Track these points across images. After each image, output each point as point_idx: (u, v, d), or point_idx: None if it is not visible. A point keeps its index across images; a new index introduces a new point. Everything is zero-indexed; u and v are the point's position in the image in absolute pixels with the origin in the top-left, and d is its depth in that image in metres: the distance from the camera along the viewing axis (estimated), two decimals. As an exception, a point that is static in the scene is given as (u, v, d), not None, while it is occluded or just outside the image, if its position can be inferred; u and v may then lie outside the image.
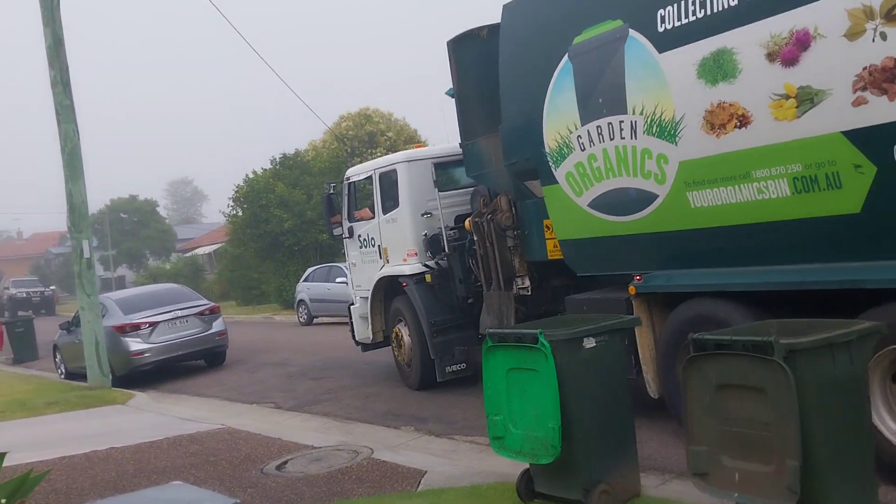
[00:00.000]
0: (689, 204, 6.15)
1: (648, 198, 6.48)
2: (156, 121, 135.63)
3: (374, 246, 10.90)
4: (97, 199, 72.28)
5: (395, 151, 17.40)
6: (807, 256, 5.56)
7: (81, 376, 14.29)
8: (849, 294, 5.18)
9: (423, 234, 10.09)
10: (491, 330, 5.36)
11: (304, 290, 23.11)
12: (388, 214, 10.46)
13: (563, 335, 4.94)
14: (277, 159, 31.94)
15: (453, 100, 9.25)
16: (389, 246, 10.56)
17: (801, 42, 5.19)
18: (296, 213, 29.01)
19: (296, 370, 13.58)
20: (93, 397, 12.28)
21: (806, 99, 5.22)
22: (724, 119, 5.74)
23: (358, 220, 11.32)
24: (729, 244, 6.05)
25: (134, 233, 64.70)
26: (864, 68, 4.90)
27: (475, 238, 9.01)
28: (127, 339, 14.02)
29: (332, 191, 12.03)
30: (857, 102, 4.95)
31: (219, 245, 48.50)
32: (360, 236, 11.25)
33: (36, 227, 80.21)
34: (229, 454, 7.80)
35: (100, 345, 13.26)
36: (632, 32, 6.34)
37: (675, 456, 6.11)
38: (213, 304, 15.28)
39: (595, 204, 7.05)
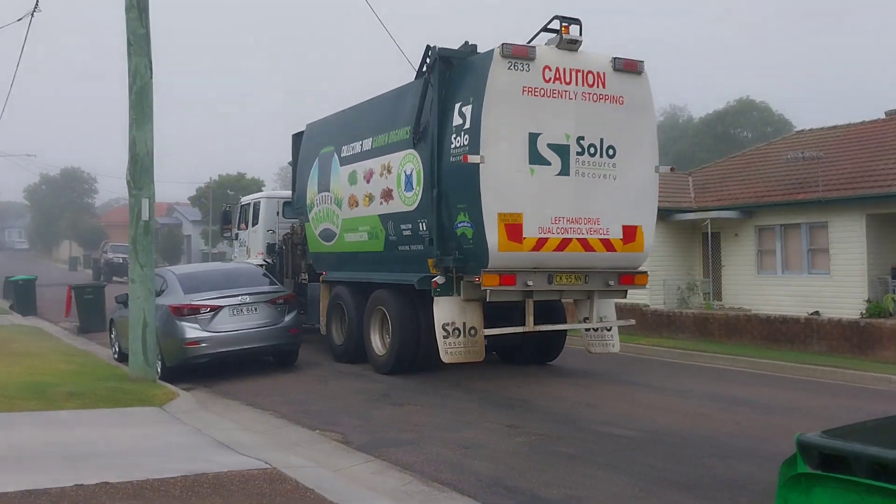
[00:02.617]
0: (345, 239, 13.16)
1: (333, 235, 13.47)
2: (278, 104, 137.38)
3: (245, 247, 18.34)
4: (204, 174, 72.65)
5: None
6: (371, 269, 12.63)
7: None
8: (378, 284, 12.40)
9: (267, 242, 17.16)
10: (806, 437, 2.40)
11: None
12: (253, 227, 17.78)
13: None
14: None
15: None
16: (251, 248, 17.67)
17: (372, 173, 12.26)
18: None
19: (376, 388, 10.88)
20: (127, 393, 9.92)
21: (371, 198, 12.27)
22: (352, 202, 12.80)
23: (240, 230, 18.73)
24: (351, 260, 13.14)
25: (237, 210, 64.07)
26: (383, 189, 11.97)
27: (284, 247, 16.62)
28: (183, 323, 11.66)
29: (227, 208, 20.84)
30: (380, 203, 12.03)
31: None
32: (240, 240, 18.76)
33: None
34: (259, 526, 5.11)
35: (148, 327, 10.94)
36: (335, 154, 13.37)
37: None
38: (288, 291, 12.77)
39: (320, 235, 13.96)
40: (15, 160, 58.66)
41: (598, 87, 10.61)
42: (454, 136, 10.50)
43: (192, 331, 11.63)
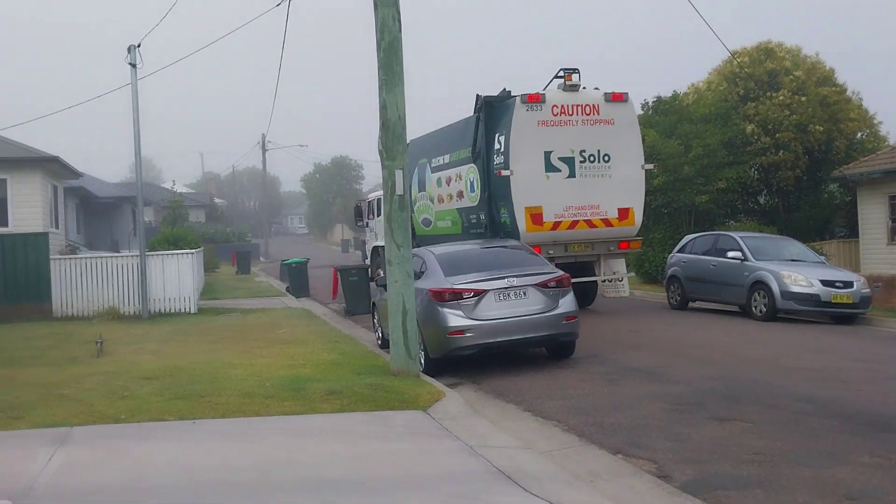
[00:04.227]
0: (437, 226, 18.14)
1: (430, 222, 18.48)
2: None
3: (373, 232, 23.72)
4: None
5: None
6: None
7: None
8: None
9: None
10: None
11: (678, 263, 17.88)
12: (377, 218, 22.46)
13: None
14: (650, 103, 26.78)
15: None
16: (377, 234, 22.04)
17: (451, 179, 17.10)
18: (668, 168, 23.68)
19: (682, 392, 8.63)
20: (388, 391, 8.61)
21: (451, 197, 17.20)
22: (440, 199, 17.77)
23: (370, 220, 24.55)
24: (442, 240, 15.40)
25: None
26: (457, 191, 16.81)
27: None
28: (445, 309, 10.20)
29: (359, 204, 26.38)
30: (457, 200, 16.93)
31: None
32: (370, 227, 24.70)
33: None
34: None
35: (408, 315, 9.62)
36: (428, 164, 18.22)
37: None
38: (561, 273, 10.86)
39: (422, 222, 18.82)
40: (291, 151, 63.07)
41: (593, 114, 14.83)
42: (496, 156, 15.16)
43: (455, 318, 10.14)
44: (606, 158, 14.87)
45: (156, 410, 7.79)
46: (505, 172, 14.64)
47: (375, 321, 13.71)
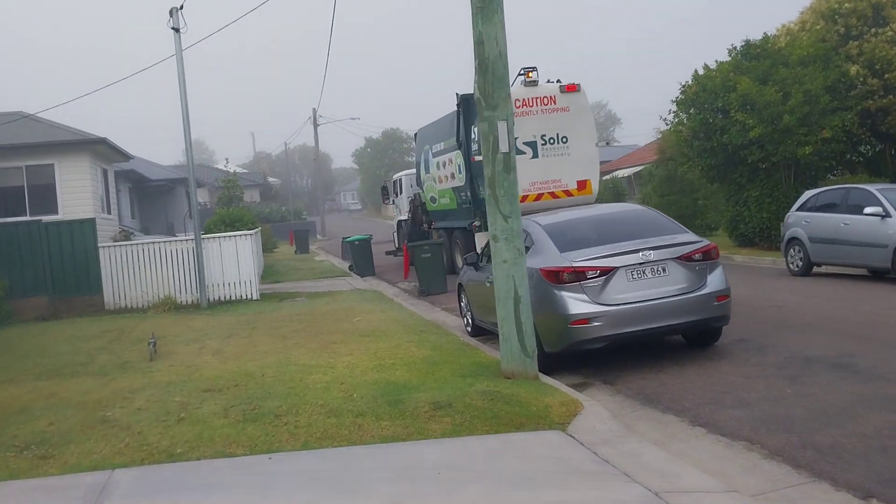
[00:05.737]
0: (440, 202, 20.96)
1: (435, 199, 21.39)
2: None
3: (398, 208, 27.82)
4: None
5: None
6: (452, 219, 20.25)
7: (493, 335, 9.20)
8: (455, 227, 20.02)
9: (409, 205, 25.38)
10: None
11: (800, 223, 15.56)
12: (401, 195, 27.12)
13: None
14: (738, 49, 24.15)
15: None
16: (401, 207, 27.02)
17: (446, 163, 19.79)
18: (765, 119, 21.18)
19: (890, 393, 6.57)
20: (508, 402, 6.75)
21: (447, 178, 19.96)
22: (440, 180, 20.57)
23: (395, 196, 28.37)
24: (444, 214, 20.96)
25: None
26: (450, 173, 19.48)
27: (415, 207, 23.80)
28: (563, 293, 8.27)
29: (385, 184, 30.56)
30: (451, 180, 19.64)
31: (641, 166, 42.54)
32: (395, 204, 28.44)
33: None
34: None
35: (521, 302, 7.72)
36: (430, 150, 21.43)
37: None
38: (707, 242, 8.78)
39: (429, 199, 22.02)
40: (341, 126, 61.61)
41: (551, 104, 16.82)
42: (473, 143, 17.35)
43: (577, 304, 8.19)
44: (564, 140, 16.85)
45: (220, 440, 6.09)
46: (479, 158, 17.42)
47: (462, 305, 11.88)
